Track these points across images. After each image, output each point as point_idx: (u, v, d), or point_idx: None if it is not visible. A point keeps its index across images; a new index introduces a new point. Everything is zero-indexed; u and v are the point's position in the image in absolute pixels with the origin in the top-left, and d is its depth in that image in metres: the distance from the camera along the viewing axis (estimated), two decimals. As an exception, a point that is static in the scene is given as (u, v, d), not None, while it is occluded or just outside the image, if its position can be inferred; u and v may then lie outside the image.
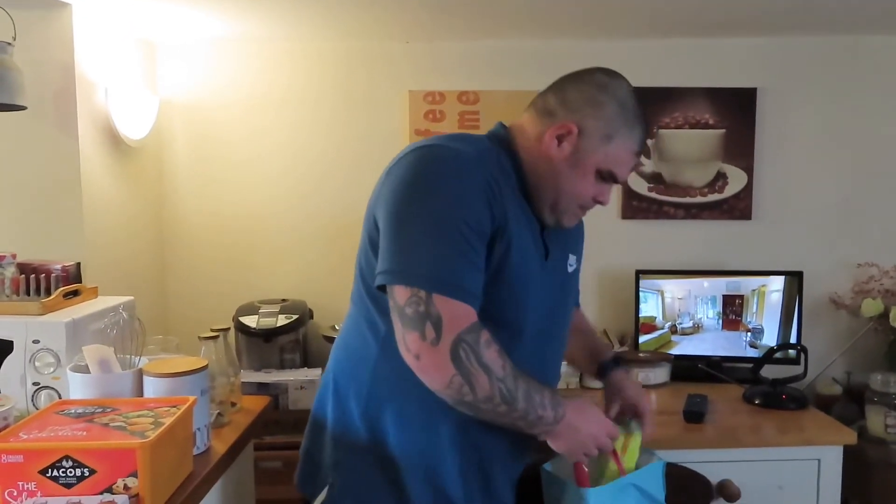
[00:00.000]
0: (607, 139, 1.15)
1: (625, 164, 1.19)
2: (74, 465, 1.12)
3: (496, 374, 1.06)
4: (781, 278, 2.28)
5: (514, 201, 1.16)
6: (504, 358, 1.08)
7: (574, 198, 1.19)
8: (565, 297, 1.31)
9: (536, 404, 1.10)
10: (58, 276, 1.70)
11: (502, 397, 1.07)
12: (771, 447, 1.78)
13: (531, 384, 1.10)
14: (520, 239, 1.14)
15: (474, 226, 1.06)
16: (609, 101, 1.16)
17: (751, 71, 2.42)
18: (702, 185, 2.45)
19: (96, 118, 2.04)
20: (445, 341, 1.04)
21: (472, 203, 1.07)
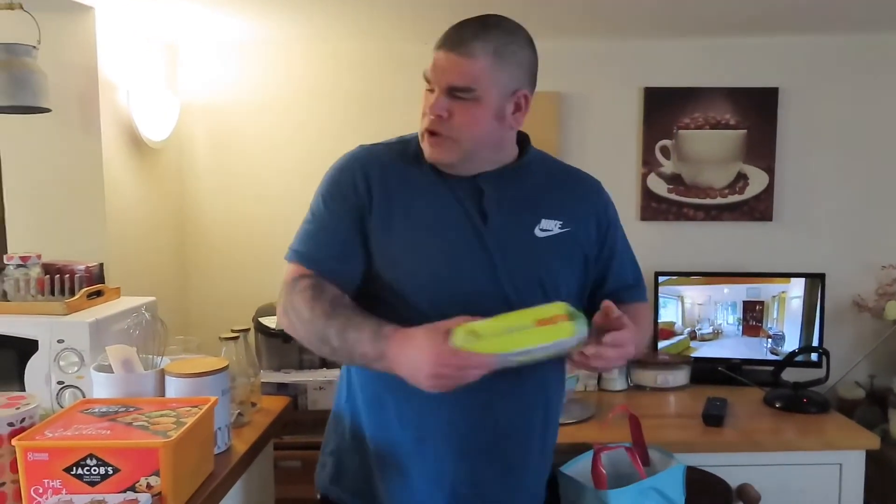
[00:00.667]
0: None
1: (429, 63, 1.16)
2: (99, 463, 1.14)
3: (304, 317, 1.14)
4: (802, 281, 2.25)
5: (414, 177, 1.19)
6: (316, 301, 1.13)
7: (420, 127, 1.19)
8: (530, 263, 1.20)
9: (353, 341, 1.10)
10: (81, 276, 1.72)
11: (317, 337, 1.13)
12: (792, 451, 1.76)
13: (350, 322, 1.11)
14: (413, 208, 1.18)
15: (334, 199, 1.20)
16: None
17: (772, 70, 2.39)
18: (722, 187, 2.43)
19: (118, 120, 2.07)
20: (281, 295, 1.20)
21: (337, 181, 1.21)
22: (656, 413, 1.96)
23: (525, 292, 1.17)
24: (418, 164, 1.21)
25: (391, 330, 1.07)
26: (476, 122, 1.15)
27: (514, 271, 1.18)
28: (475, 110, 1.14)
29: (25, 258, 1.72)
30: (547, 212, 1.22)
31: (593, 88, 2.45)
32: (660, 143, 2.42)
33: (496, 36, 1.14)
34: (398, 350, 1.06)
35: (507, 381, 1.15)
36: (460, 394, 1.07)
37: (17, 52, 1.78)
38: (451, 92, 1.12)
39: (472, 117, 1.14)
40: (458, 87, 1.12)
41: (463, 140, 1.15)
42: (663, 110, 2.41)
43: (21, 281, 1.68)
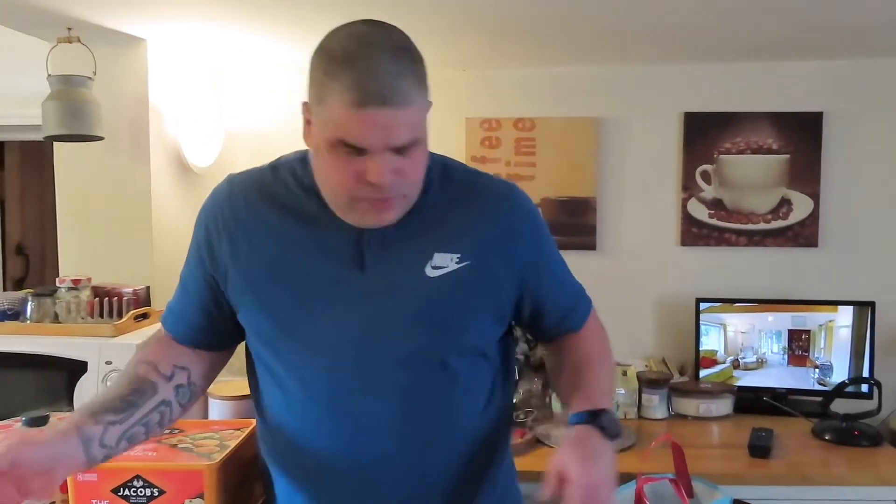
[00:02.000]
0: (321, 101, 0.90)
1: (351, 125, 0.87)
2: (145, 484, 1.16)
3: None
4: (850, 309, 2.19)
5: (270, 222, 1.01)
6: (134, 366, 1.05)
7: (333, 189, 0.94)
8: (424, 311, 0.99)
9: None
10: (129, 299, 1.77)
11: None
12: (843, 486, 1.70)
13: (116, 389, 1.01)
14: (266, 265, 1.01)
15: (194, 255, 1.09)
16: (318, 56, 0.92)
17: (816, 94, 2.36)
18: (765, 212, 2.39)
19: (166, 147, 2.13)
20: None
21: (195, 236, 1.10)
22: (699, 443, 1.91)
23: (408, 348, 0.99)
24: (287, 202, 1.02)
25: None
26: (422, 168, 0.97)
27: (397, 324, 0.98)
28: (420, 156, 0.94)
29: (76, 281, 1.77)
30: (441, 243, 1.00)
31: (632, 114, 2.44)
32: (700, 168, 2.40)
33: (413, 66, 0.93)
34: None
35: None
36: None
37: (74, 83, 1.86)
38: (399, 150, 0.90)
39: (419, 166, 0.95)
40: (406, 144, 0.90)
41: (412, 193, 0.97)
42: (704, 135, 2.39)
43: (72, 304, 1.73)
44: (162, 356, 1.08)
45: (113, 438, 0.94)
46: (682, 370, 2.34)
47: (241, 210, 1.03)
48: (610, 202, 2.45)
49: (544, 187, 2.42)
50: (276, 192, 1.04)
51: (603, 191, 2.44)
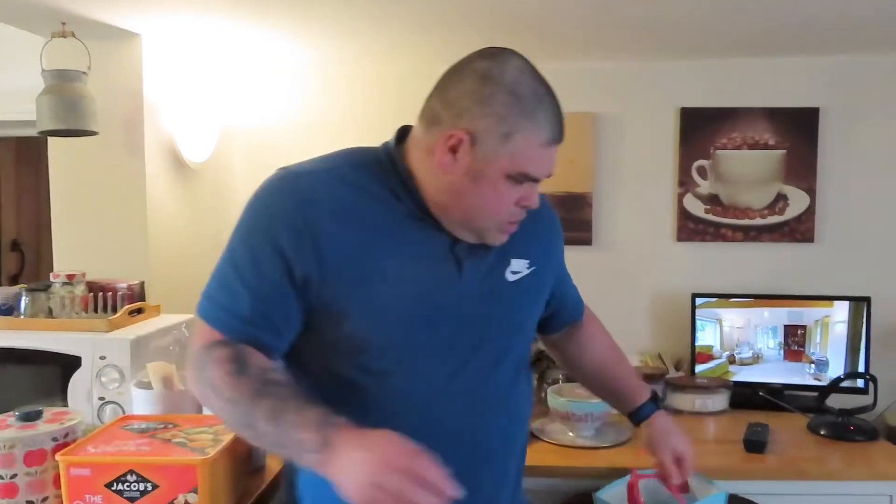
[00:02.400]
0: (507, 138, 0.96)
1: (538, 160, 0.98)
2: (138, 479, 1.16)
3: (223, 395, 0.94)
4: (847, 304, 2.19)
5: (380, 218, 1.01)
6: (239, 377, 0.94)
7: (490, 213, 1.01)
8: (504, 312, 1.09)
9: (289, 424, 0.89)
10: (123, 294, 1.77)
11: (239, 421, 0.94)
12: (839, 481, 1.70)
13: (286, 404, 0.91)
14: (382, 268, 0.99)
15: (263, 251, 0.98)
16: (496, 91, 0.96)
17: (813, 90, 2.36)
18: (761, 207, 2.39)
19: (161, 142, 2.13)
20: (189, 359, 1.01)
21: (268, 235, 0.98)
22: (694, 438, 1.87)
23: (494, 347, 1.08)
24: (380, 204, 1.02)
25: (342, 419, 0.89)
26: None
27: (490, 325, 1.07)
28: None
29: (71, 276, 1.77)
30: (515, 251, 1.09)
31: (628, 109, 2.44)
32: (696, 164, 2.40)
33: None
34: (347, 442, 0.86)
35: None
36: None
37: (69, 77, 1.86)
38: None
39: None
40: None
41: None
42: (700, 130, 2.39)
43: (66, 298, 1.73)
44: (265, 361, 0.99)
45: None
46: (677, 365, 2.34)
47: (332, 212, 0.99)
48: (606, 197, 2.45)
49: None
50: (369, 193, 1.02)
51: (599, 186, 2.44)
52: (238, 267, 1.00)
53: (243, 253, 1.01)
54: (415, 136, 1.05)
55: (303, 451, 0.89)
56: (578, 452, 1.79)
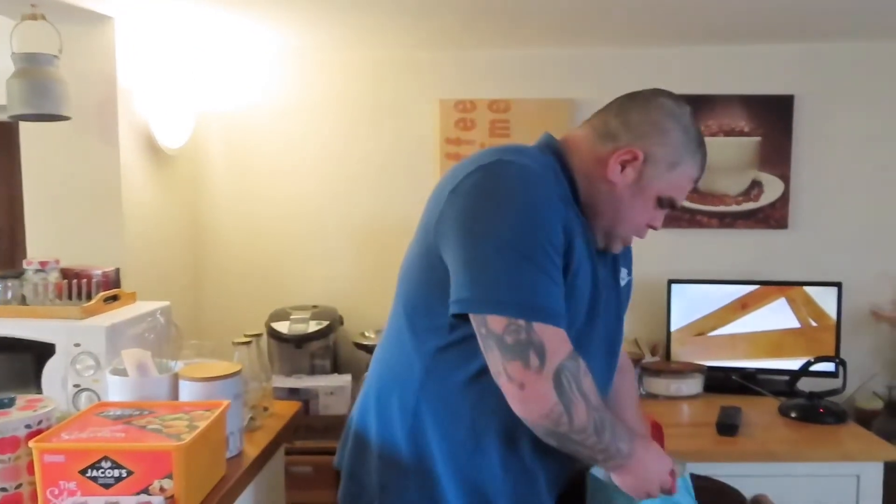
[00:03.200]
0: (672, 167, 1.12)
1: (684, 191, 1.16)
2: (113, 465, 1.15)
3: (592, 404, 1.05)
4: (819, 290, 2.23)
5: (574, 217, 1.11)
6: (595, 387, 1.07)
7: (632, 225, 1.17)
8: (620, 311, 1.27)
9: (619, 436, 1.08)
10: (98, 281, 1.75)
11: (595, 427, 1.05)
12: (808, 462, 1.74)
13: (614, 419, 1.10)
14: (581, 256, 1.10)
15: (554, 242, 1.03)
16: (675, 127, 1.13)
17: (787, 78, 2.38)
18: (736, 194, 2.42)
19: (136, 128, 2.10)
20: (549, 370, 1.01)
21: (548, 218, 1.03)
22: (670, 422, 1.94)
23: (619, 343, 1.27)
24: (567, 196, 1.13)
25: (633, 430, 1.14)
26: None
27: (612, 324, 1.22)
28: None
29: (44, 263, 1.74)
30: (622, 261, 1.27)
31: (606, 95, 2.38)
32: (673, 151, 2.41)
33: None
34: (644, 452, 1.12)
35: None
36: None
37: (40, 61, 1.82)
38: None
39: None
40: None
41: None
42: (677, 118, 2.40)
43: (39, 286, 1.70)
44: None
45: None
46: (653, 350, 2.38)
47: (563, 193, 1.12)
48: (584, 184, 2.46)
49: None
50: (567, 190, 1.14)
51: (577, 173, 2.45)
52: (540, 264, 1.01)
53: (538, 249, 1.02)
54: (575, 142, 1.18)
55: (618, 457, 1.09)
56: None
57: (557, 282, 1.03)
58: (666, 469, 1.15)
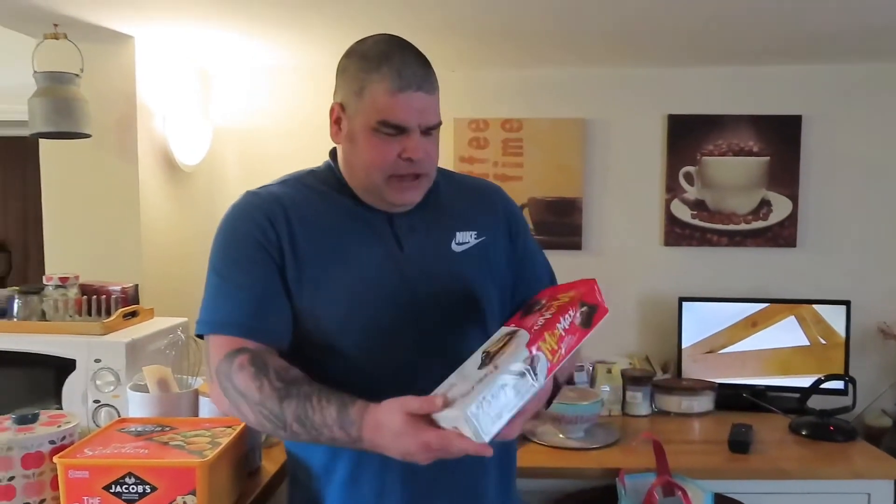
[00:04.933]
0: (359, 95, 1.07)
1: (393, 107, 1.05)
2: (137, 481, 1.17)
3: (252, 399, 1.00)
4: (827, 308, 2.24)
5: (324, 213, 1.12)
6: (262, 379, 1.00)
7: (373, 169, 1.08)
8: (453, 282, 1.15)
9: (317, 426, 0.97)
10: (117, 297, 1.77)
11: (271, 422, 1.00)
12: (819, 480, 1.75)
13: (308, 403, 0.97)
14: (326, 249, 1.10)
15: (246, 250, 1.09)
16: (351, 61, 1.11)
17: (795, 98, 2.41)
18: (746, 213, 2.43)
19: (154, 145, 2.13)
20: (214, 377, 1.07)
21: (238, 229, 1.11)
22: (681, 439, 1.95)
23: (450, 314, 1.14)
24: (324, 199, 1.14)
25: (357, 411, 0.94)
26: (438, 151, 1.14)
27: (439, 295, 1.13)
28: (437, 142, 1.13)
29: (64, 279, 1.76)
30: (460, 224, 1.18)
31: (617, 115, 2.48)
32: (683, 170, 2.44)
33: (431, 67, 1.12)
34: (374, 435, 0.93)
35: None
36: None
37: (62, 80, 1.85)
38: (426, 131, 1.09)
39: (437, 150, 1.14)
40: (433, 125, 1.10)
41: (432, 174, 1.14)
42: (687, 137, 2.43)
43: (59, 302, 1.72)
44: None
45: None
46: (664, 367, 2.39)
47: (291, 206, 1.12)
48: (595, 202, 2.49)
49: (531, 187, 2.45)
50: (315, 192, 1.15)
51: (589, 191, 2.48)
52: (226, 277, 1.10)
53: (227, 264, 1.11)
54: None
55: (337, 444, 0.99)
56: (568, 454, 1.83)
57: (245, 286, 1.08)
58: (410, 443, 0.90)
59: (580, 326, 0.95)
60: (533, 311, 0.99)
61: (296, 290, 1.09)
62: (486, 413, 0.84)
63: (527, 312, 1.00)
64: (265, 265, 1.08)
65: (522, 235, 1.26)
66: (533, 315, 0.97)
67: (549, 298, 1.01)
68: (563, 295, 0.99)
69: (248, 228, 1.10)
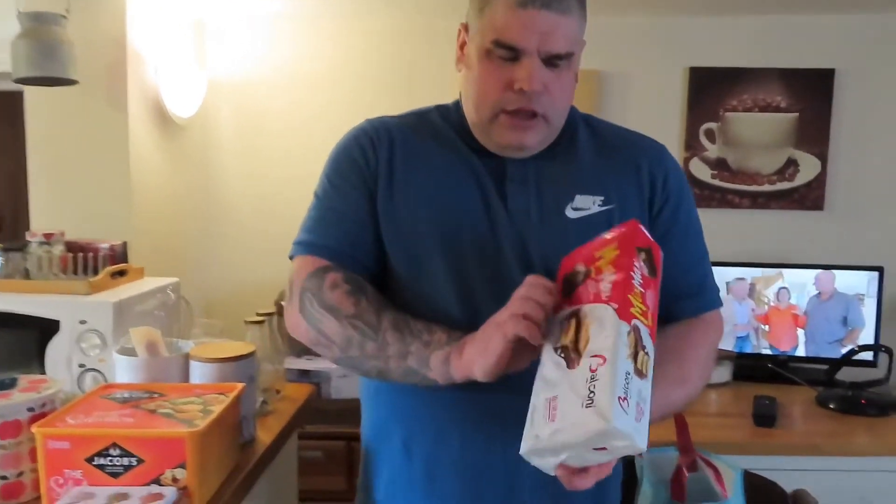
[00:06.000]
0: (481, 12, 0.94)
1: (511, 25, 0.90)
2: (122, 453, 1.08)
3: (345, 313, 0.93)
4: (857, 275, 2.12)
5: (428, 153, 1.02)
6: (359, 296, 0.94)
7: (482, 100, 0.95)
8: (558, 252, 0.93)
9: (417, 332, 0.90)
10: (105, 255, 1.67)
11: (362, 332, 0.92)
12: (851, 456, 1.65)
13: (407, 316, 0.92)
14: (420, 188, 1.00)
15: (344, 172, 1.03)
16: None
17: (828, 50, 2.26)
18: (770, 173, 2.31)
19: (146, 95, 2.00)
20: (295, 297, 1.00)
21: (342, 151, 1.05)
22: (700, 411, 1.86)
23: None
24: (437, 136, 1.04)
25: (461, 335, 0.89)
26: (569, 95, 0.97)
27: (533, 265, 0.96)
28: (569, 80, 0.95)
29: (48, 235, 1.66)
30: (584, 186, 0.99)
31: (635, 67, 2.34)
32: (704, 126, 2.31)
33: None
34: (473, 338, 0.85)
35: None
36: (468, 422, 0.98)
37: (46, 20, 1.73)
38: (549, 60, 0.91)
39: (567, 89, 0.95)
40: (559, 55, 0.91)
41: (555, 119, 0.96)
42: (709, 91, 2.29)
43: (44, 259, 1.62)
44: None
45: None
46: (681, 335, 2.28)
47: (397, 136, 1.04)
48: (611, 161, 2.36)
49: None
50: (431, 127, 1.05)
51: (604, 149, 2.35)
52: (322, 199, 1.05)
53: (326, 187, 1.05)
54: None
55: (430, 350, 0.88)
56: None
57: (339, 210, 1.02)
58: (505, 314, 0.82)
59: (650, 276, 0.79)
60: (579, 281, 0.81)
61: (382, 222, 1.01)
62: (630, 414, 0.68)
63: (570, 287, 0.82)
64: (359, 190, 1.02)
65: (671, 210, 1.02)
66: (584, 286, 0.80)
67: (588, 261, 0.82)
68: (606, 249, 0.81)
69: (352, 152, 1.04)
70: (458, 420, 1.00)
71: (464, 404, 0.99)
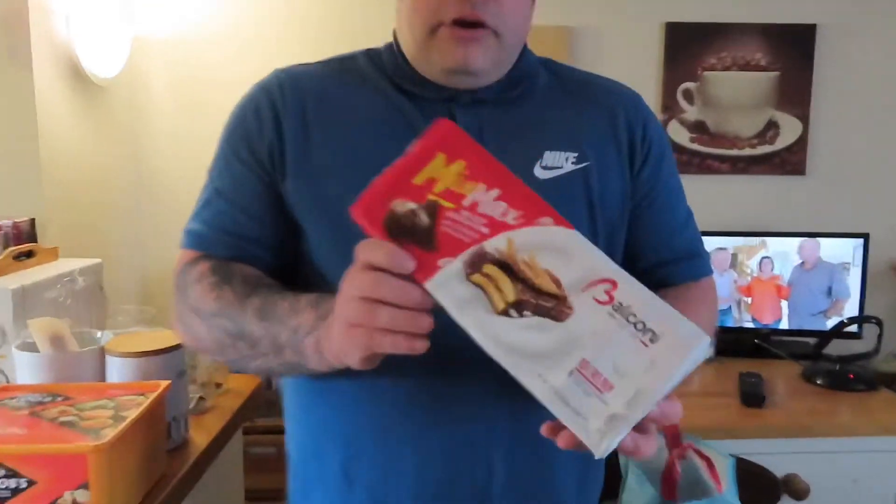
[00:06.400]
0: None
1: None
2: (8, 474, 0.89)
3: (208, 311, 0.79)
4: (841, 242, 2.01)
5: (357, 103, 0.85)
6: (222, 288, 0.78)
7: (417, 16, 0.79)
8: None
9: (282, 314, 0.73)
10: (7, 233, 1.44)
11: (227, 331, 0.77)
12: (843, 437, 1.54)
13: (275, 296, 0.76)
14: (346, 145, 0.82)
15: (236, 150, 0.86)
16: None
17: (810, 5, 2.12)
18: (750, 136, 2.17)
19: (56, 51, 1.75)
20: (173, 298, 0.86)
21: (231, 131, 0.88)
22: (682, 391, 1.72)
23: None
24: (365, 82, 0.87)
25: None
26: (523, 8, 0.81)
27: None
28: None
29: (-62, 211, 1.43)
30: (553, 141, 0.84)
31: (608, 23, 2.16)
32: (682, 86, 2.15)
33: None
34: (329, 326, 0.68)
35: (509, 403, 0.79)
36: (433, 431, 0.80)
37: (-79, -43, 1.46)
38: None
39: (521, 3, 0.80)
40: None
41: (507, 34, 0.79)
42: (687, 49, 2.14)
43: (-68, 239, 1.39)
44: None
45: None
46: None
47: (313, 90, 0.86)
48: (582, 124, 2.19)
49: None
50: (356, 74, 0.89)
51: (575, 111, 2.18)
52: (211, 177, 0.89)
53: (219, 161, 0.89)
54: None
55: (301, 338, 0.72)
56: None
57: (226, 190, 0.86)
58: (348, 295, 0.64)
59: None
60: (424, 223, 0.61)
61: (294, 196, 0.83)
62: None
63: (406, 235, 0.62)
64: (251, 167, 0.85)
65: (653, 165, 0.89)
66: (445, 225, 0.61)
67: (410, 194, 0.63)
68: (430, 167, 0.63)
69: (245, 119, 0.87)
70: (411, 437, 0.82)
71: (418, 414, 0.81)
